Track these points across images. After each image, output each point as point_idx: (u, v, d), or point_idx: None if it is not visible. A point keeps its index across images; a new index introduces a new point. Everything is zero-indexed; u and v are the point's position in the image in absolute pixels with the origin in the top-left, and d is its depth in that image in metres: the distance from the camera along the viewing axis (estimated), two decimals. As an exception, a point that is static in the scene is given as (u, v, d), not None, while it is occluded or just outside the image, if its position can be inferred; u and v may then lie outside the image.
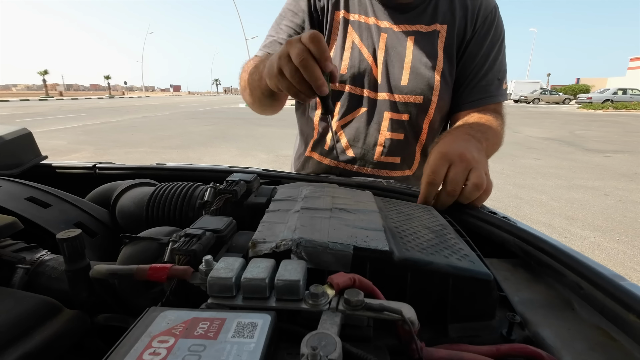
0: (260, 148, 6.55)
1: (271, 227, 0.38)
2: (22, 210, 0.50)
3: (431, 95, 0.80)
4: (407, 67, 0.80)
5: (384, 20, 0.81)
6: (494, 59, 0.82)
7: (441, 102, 0.82)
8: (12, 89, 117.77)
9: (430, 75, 0.79)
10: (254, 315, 0.25)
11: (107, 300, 0.38)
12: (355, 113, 0.85)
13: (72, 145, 6.74)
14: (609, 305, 0.33)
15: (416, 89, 0.80)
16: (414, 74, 0.80)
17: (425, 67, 0.79)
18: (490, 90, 0.81)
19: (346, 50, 0.82)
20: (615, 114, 16.76)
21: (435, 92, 0.80)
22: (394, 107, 0.82)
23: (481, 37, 0.81)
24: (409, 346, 0.27)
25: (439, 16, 0.80)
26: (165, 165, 0.79)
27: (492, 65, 0.81)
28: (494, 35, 0.81)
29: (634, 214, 3.35)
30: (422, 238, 0.39)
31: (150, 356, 0.22)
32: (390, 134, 0.84)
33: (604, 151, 6.58)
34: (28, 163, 0.81)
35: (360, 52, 0.82)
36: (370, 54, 0.81)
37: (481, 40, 0.81)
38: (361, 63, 0.81)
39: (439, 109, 0.82)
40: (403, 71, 0.80)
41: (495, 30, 0.81)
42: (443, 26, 0.80)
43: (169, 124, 10.95)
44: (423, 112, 0.82)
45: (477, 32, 0.81)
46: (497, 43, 0.82)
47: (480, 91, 0.81)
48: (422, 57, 0.79)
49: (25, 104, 24.16)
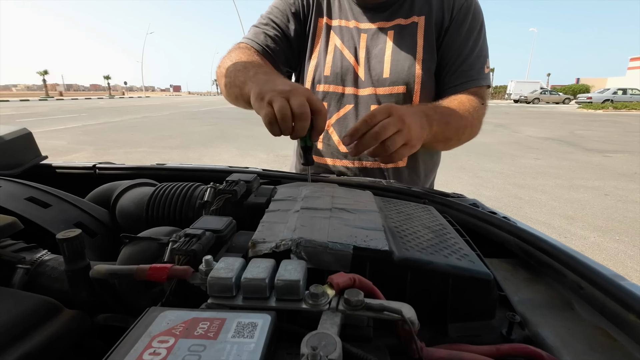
0: (260, 148, 6.55)
1: (271, 227, 0.38)
2: (22, 210, 0.50)
3: (414, 84, 0.83)
4: (388, 60, 0.83)
5: (363, 22, 0.86)
6: (473, 44, 0.83)
7: (425, 90, 0.84)
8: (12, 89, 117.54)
9: (411, 64, 0.82)
10: (254, 315, 0.25)
11: (107, 300, 0.38)
12: (343, 111, 0.88)
13: (72, 145, 6.74)
14: (609, 305, 0.33)
15: (398, 80, 0.83)
16: (395, 66, 0.83)
17: (405, 58, 0.83)
18: (471, 74, 0.83)
19: (329, 53, 0.87)
20: (615, 114, 16.76)
21: (417, 81, 0.83)
22: (379, 100, 0.85)
23: (458, 24, 0.83)
24: (409, 346, 0.27)
25: (416, 8, 0.84)
26: (165, 165, 0.79)
27: (472, 50, 0.83)
28: (472, 22, 0.84)
29: (634, 214, 3.35)
30: (421, 238, 0.39)
31: (150, 356, 0.22)
32: None
33: (604, 151, 6.58)
34: (28, 163, 0.81)
35: (342, 53, 0.86)
36: (352, 54, 0.85)
37: (459, 27, 0.83)
38: (343, 63, 0.86)
39: (423, 97, 0.84)
40: (384, 65, 0.84)
41: (473, 17, 0.84)
42: (421, 17, 0.83)
43: (168, 124, 10.94)
44: (408, 101, 0.85)
45: (454, 19, 0.83)
46: (476, 29, 0.84)
47: (461, 76, 0.83)
48: (402, 48, 0.83)
49: (25, 104, 24.15)
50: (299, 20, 0.89)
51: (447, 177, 4.56)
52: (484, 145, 7.00)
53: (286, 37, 0.88)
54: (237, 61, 0.77)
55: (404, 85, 0.83)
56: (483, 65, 0.84)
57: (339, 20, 0.88)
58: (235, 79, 0.73)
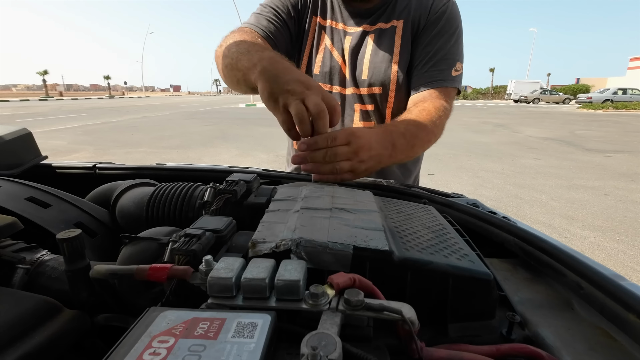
0: (260, 148, 6.55)
1: (271, 227, 0.38)
2: (22, 210, 0.50)
3: (389, 85, 0.88)
4: (367, 62, 0.88)
5: (350, 25, 0.91)
6: (440, 47, 0.85)
7: (399, 91, 0.88)
8: (12, 89, 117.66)
9: (387, 67, 0.87)
10: (254, 315, 0.25)
11: (107, 300, 0.38)
12: None
13: (72, 145, 6.74)
14: (609, 305, 0.33)
15: (375, 81, 0.88)
16: (373, 68, 0.88)
17: (382, 61, 0.87)
18: (436, 75, 0.85)
19: (319, 52, 0.92)
20: (615, 114, 16.75)
21: (392, 82, 0.87)
22: (360, 99, 0.91)
23: (430, 27, 0.86)
24: (409, 346, 0.27)
25: (396, 13, 0.88)
26: (165, 165, 0.79)
27: (437, 53, 0.85)
28: (444, 26, 0.86)
29: (634, 214, 3.35)
30: (421, 238, 0.39)
31: (150, 356, 0.22)
32: (362, 123, 0.92)
33: (604, 151, 6.58)
34: (28, 163, 0.81)
35: (332, 54, 0.91)
36: (340, 55, 0.91)
37: (430, 30, 0.86)
38: (331, 63, 0.91)
39: (398, 98, 0.89)
40: (364, 67, 0.89)
41: (447, 22, 0.86)
42: (400, 21, 0.88)
43: (168, 124, 10.95)
44: (384, 101, 0.90)
45: (428, 22, 0.87)
46: (447, 32, 0.86)
47: (427, 76, 0.85)
48: (380, 52, 0.88)
49: (25, 104, 24.16)
50: (297, 13, 0.91)
51: (447, 177, 4.56)
52: (483, 145, 7.01)
53: (287, 26, 0.90)
54: (240, 41, 0.76)
55: (381, 86, 0.88)
56: (450, 67, 0.86)
57: (331, 21, 0.92)
58: (238, 63, 0.71)
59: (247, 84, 0.70)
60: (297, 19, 0.92)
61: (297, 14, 0.91)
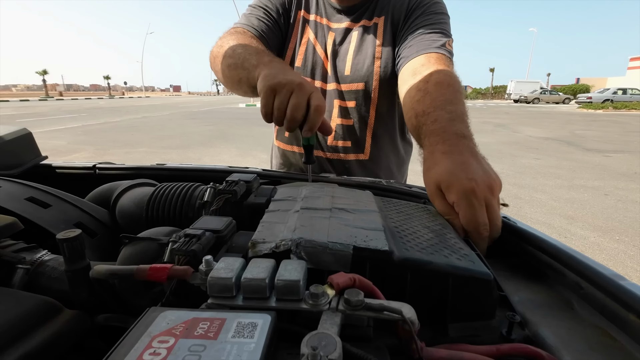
0: (260, 148, 6.55)
1: (271, 227, 0.38)
2: (22, 210, 0.50)
3: (372, 80, 0.88)
4: (350, 59, 0.89)
5: (334, 21, 0.92)
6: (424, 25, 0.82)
7: (383, 86, 0.88)
8: (12, 89, 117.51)
9: (369, 63, 0.87)
10: (254, 316, 0.25)
11: (107, 300, 0.38)
12: None
13: (72, 146, 6.74)
14: (609, 305, 0.33)
15: (357, 77, 0.88)
16: (355, 64, 0.88)
17: (364, 57, 0.88)
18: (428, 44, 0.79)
19: (302, 45, 0.92)
20: (615, 114, 16.75)
21: (375, 78, 0.87)
22: (341, 95, 0.91)
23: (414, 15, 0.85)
24: (409, 346, 0.27)
25: (378, 10, 0.89)
26: (165, 165, 0.79)
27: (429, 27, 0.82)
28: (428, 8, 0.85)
29: (634, 214, 3.35)
30: (421, 238, 0.39)
31: (151, 356, 0.22)
32: (340, 119, 0.92)
33: (604, 151, 6.58)
34: (28, 163, 0.81)
35: (314, 48, 0.91)
36: (322, 50, 0.91)
37: (411, 18, 0.85)
38: (314, 58, 0.91)
39: (382, 94, 0.89)
40: (346, 63, 0.89)
41: (429, 7, 0.85)
42: (381, 18, 0.88)
43: (168, 124, 10.94)
44: (367, 97, 0.90)
45: (410, 13, 0.86)
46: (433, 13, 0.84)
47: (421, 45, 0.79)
48: (362, 48, 0.88)
49: (25, 104, 24.14)
50: (286, 11, 0.93)
51: (447, 177, 4.55)
52: (484, 145, 6.98)
53: (278, 25, 0.91)
54: (247, 44, 0.77)
55: (363, 82, 0.88)
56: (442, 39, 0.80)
57: (315, 16, 0.93)
58: (245, 62, 0.72)
59: (249, 82, 0.70)
60: (286, 17, 0.93)
61: (285, 12, 0.92)
